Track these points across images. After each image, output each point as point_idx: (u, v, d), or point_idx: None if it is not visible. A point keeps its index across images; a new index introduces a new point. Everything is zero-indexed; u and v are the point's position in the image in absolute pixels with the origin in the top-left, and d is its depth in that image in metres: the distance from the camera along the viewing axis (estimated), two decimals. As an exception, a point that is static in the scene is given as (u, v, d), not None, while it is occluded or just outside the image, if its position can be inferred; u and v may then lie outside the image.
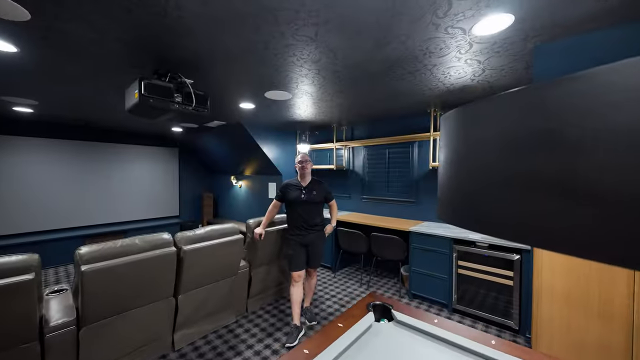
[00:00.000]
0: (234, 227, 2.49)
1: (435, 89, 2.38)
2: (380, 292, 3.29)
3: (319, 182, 2.63)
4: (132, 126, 4.39)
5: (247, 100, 2.78)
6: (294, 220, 2.54)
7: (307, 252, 2.57)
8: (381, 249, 3.27)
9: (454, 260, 2.75)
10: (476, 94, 2.53)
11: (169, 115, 2.04)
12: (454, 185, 0.70)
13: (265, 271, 2.88)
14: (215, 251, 2.28)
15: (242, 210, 5.58)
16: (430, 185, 3.50)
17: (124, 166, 5.00)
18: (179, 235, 2.14)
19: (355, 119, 3.77)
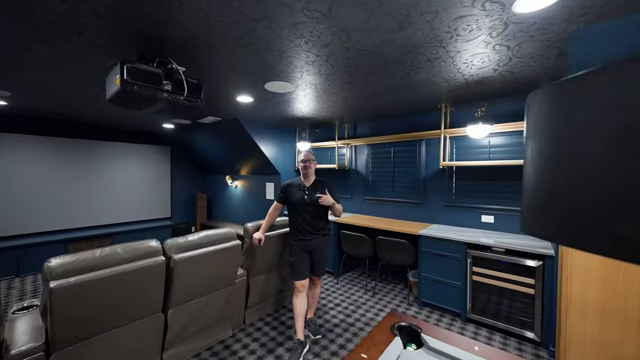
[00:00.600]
0: (230, 232, 2.25)
1: (451, 81, 2.18)
2: (387, 299, 3.09)
3: (324, 182, 2.41)
4: (120, 122, 4.10)
5: (245, 93, 2.54)
6: (297, 223, 2.32)
7: (311, 258, 2.35)
8: (388, 253, 3.07)
9: (469, 266, 2.57)
10: (493, 88, 2.35)
11: (157, 107, 1.79)
12: (550, 189, 0.50)
13: (265, 279, 2.64)
14: (210, 260, 2.04)
15: (237, 212, 5.32)
16: (438, 185, 3.32)
17: (112, 165, 4.70)
18: (168, 242, 1.90)
19: (358, 116, 3.57)
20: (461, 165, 3.03)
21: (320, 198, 2.18)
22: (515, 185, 2.82)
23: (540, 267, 2.22)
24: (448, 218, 3.25)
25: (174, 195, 5.61)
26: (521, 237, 2.66)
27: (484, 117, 2.45)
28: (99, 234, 4.39)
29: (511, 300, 2.36)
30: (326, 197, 2.19)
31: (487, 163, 2.76)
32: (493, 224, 2.95)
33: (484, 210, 3.01)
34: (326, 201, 2.18)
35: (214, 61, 1.84)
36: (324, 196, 2.19)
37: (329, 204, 2.20)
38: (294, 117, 3.62)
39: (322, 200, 2.18)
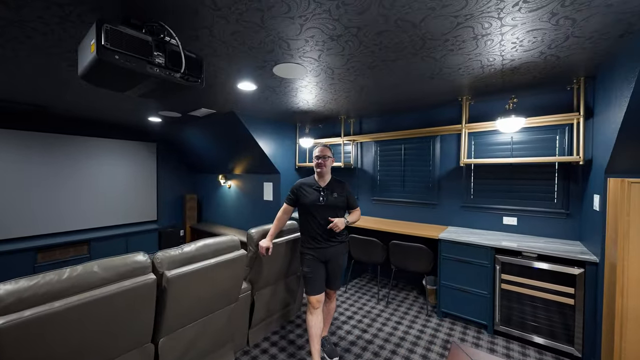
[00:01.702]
0: (233, 240, 1.91)
1: (487, 67, 1.93)
2: (402, 309, 2.82)
3: (340, 182, 2.11)
4: (99, 115, 3.63)
5: (248, 78, 2.20)
6: (310, 229, 2.01)
7: (327, 269, 2.05)
8: (403, 259, 2.81)
9: (497, 273, 2.34)
10: (526, 78, 2.12)
11: (144, 88, 1.43)
12: None
13: (271, 292, 2.31)
14: (210, 274, 1.69)
15: (231, 214, 4.93)
16: (455, 185, 3.09)
17: (89, 163, 4.20)
18: (159, 255, 1.54)
19: (367, 110, 3.29)
20: (481, 163, 2.81)
21: (333, 224, 1.92)
22: (540, 185, 2.62)
23: (581, 275, 2.01)
24: (465, 220, 3.03)
25: (160, 197, 5.15)
26: (551, 240, 2.46)
27: (515, 110, 2.23)
28: (74, 240, 3.90)
29: (547, 312, 2.15)
30: (338, 223, 1.92)
31: (512, 160, 2.54)
32: (516, 227, 2.74)
33: (505, 212, 2.80)
34: (337, 227, 1.92)
35: (216, 33, 1.50)
36: (336, 221, 1.92)
37: (340, 229, 1.95)
38: (297, 111, 3.30)
39: (334, 226, 1.91)
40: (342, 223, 1.96)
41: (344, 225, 1.98)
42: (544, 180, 2.60)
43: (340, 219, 1.95)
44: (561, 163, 2.50)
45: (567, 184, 2.49)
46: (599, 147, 2.03)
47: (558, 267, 2.09)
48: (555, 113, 2.38)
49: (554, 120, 2.35)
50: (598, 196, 1.96)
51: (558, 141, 2.51)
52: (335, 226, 1.91)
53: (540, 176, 2.62)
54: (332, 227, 1.91)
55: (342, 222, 1.96)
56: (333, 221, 1.92)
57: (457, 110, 3.06)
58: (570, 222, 2.48)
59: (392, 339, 2.30)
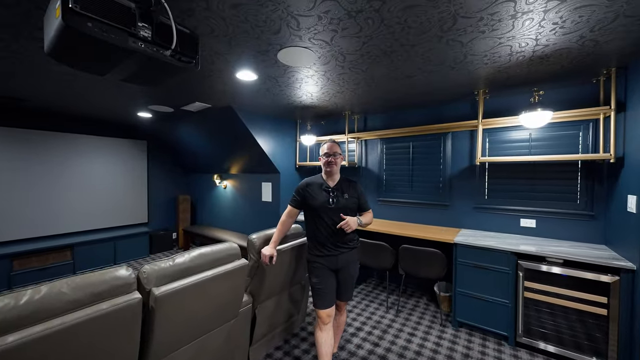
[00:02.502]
0: (232, 248, 1.68)
1: (516, 54, 1.75)
2: (414, 319, 2.63)
3: (351, 182, 1.90)
4: (82, 109, 3.35)
5: (248, 66, 1.97)
6: (319, 234, 1.80)
7: (337, 279, 1.83)
8: (416, 265, 2.61)
9: (520, 280, 2.16)
10: (552, 68, 1.95)
11: (126, 70, 1.20)
12: None
13: (274, 304, 2.09)
14: (207, 289, 1.46)
15: (227, 216, 4.68)
16: (468, 184, 2.91)
17: (74, 162, 3.90)
18: (147, 269, 1.30)
19: (372, 105, 3.08)
20: (498, 162, 2.63)
21: (344, 222, 1.70)
22: (560, 185, 2.46)
23: (616, 284, 1.84)
24: (479, 222, 2.85)
25: (151, 198, 4.86)
26: (576, 244, 2.30)
27: (542, 103, 2.05)
28: (55, 245, 3.59)
29: (576, 322, 1.97)
30: (350, 222, 1.71)
31: (531, 158, 2.37)
32: (534, 229, 2.58)
33: (523, 213, 2.63)
34: (349, 227, 1.70)
35: (214, 7, 1.28)
36: (348, 219, 1.71)
37: (352, 229, 1.73)
38: (299, 105, 3.08)
39: (346, 225, 1.69)
40: (355, 222, 1.74)
41: (357, 225, 1.76)
42: (565, 180, 2.44)
43: (352, 218, 1.73)
44: (585, 161, 2.33)
45: (590, 184, 2.33)
46: (632, 143, 1.86)
47: (588, 274, 1.92)
48: (578, 108, 2.22)
49: (578, 115, 2.19)
50: (634, 197, 1.80)
51: (581, 138, 2.35)
52: (346, 225, 1.68)
53: (561, 175, 2.45)
54: (343, 225, 1.68)
55: (354, 221, 1.74)
56: (344, 219, 1.70)
57: (468, 105, 2.88)
58: (594, 225, 2.32)
59: (408, 354, 2.10)
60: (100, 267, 3.96)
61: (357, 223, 1.75)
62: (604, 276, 1.87)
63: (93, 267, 3.89)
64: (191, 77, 2.18)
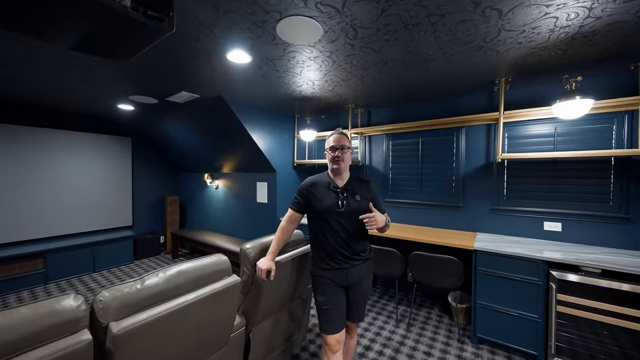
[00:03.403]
0: (221, 262, 1.37)
1: (558, 30, 1.48)
2: (428, 334, 2.35)
3: (363, 181, 1.62)
4: (57, 100, 2.98)
5: (241, 44, 1.66)
6: (326, 244, 1.50)
7: (348, 297, 1.54)
8: (430, 273, 2.34)
9: (552, 293, 1.90)
10: (593, 50, 1.69)
11: (76, 29, 0.89)
12: None
13: (271, 325, 1.78)
14: (189, 317, 1.15)
15: (219, 219, 4.34)
16: (483, 184, 2.65)
17: (48, 160, 3.52)
18: (105, 297, 0.98)
19: (378, 98, 2.80)
20: (521, 159, 2.38)
21: (371, 215, 1.37)
22: (590, 184, 2.22)
23: (670, 298, 1.59)
24: (497, 225, 2.60)
25: (136, 199, 4.50)
26: (610, 251, 2.05)
27: (580, 90, 1.80)
28: (25, 253, 3.20)
29: (620, 342, 1.72)
30: (375, 217, 1.38)
31: (557, 155, 2.12)
32: (560, 233, 2.33)
33: (547, 216, 2.38)
34: (375, 222, 1.37)
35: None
36: (373, 214, 1.39)
37: (379, 225, 1.40)
38: (298, 97, 2.77)
39: (369, 221, 1.37)
40: (382, 219, 1.44)
41: (384, 222, 1.47)
42: (595, 179, 2.20)
43: (379, 214, 1.42)
44: (619, 158, 2.09)
45: (625, 183, 2.09)
46: (685, 137, 1.62)
47: (635, 287, 1.67)
48: (611, 98, 1.97)
49: (615, 106, 1.95)
50: (691, 198, 1.55)
51: (615, 131, 2.11)
52: (373, 220, 1.36)
53: (591, 174, 2.21)
54: (368, 220, 1.36)
55: (382, 216, 1.44)
56: (372, 210, 1.39)
57: (484, 97, 2.62)
58: (630, 229, 2.08)
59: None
60: (77, 276, 3.59)
61: (384, 221, 1.46)
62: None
63: (68, 276, 3.52)
64: (173, 57, 1.86)
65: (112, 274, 3.73)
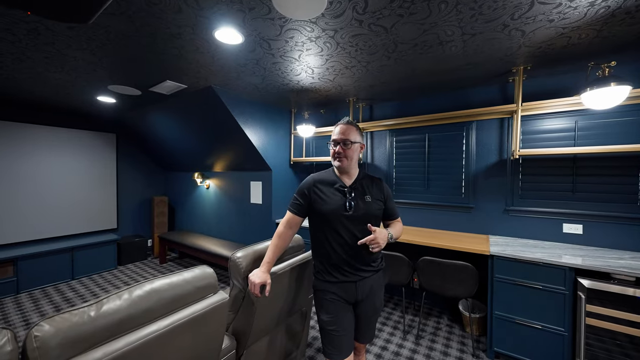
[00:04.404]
0: (205, 277, 1.13)
1: (597, 5, 1.28)
2: (439, 347, 2.15)
3: (374, 179, 1.41)
4: (32, 90, 2.68)
5: (231, 19, 1.42)
6: (331, 253, 1.28)
7: (356, 314, 1.32)
8: (441, 281, 2.13)
9: (581, 303, 1.70)
10: (632, 29, 1.51)
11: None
12: None
13: (267, 344, 1.55)
14: (164, 348, 0.91)
15: (210, 221, 4.07)
16: (496, 183, 2.45)
17: (23, 157, 3.22)
18: (44, 330, 0.73)
19: (382, 89, 2.58)
20: (539, 155, 2.19)
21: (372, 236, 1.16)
22: (614, 182, 2.04)
23: None
24: (510, 228, 2.40)
25: (121, 199, 4.20)
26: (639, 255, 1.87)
27: (615, 77, 1.61)
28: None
29: (659, 359, 1.54)
30: (379, 236, 1.17)
31: (581, 150, 1.94)
32: (581, 236, 2.14)
33: (566, 217, 2.19)
34: (378, 245, 1.16)
35: None
36: (377, 231, 1.18)
37: (382, 246, 1.18)
38: (295, 88, 2.54)
39: (373, 242, 1.16)
40: (385, 237, 1.21)
41: (387, 241, 1.24)
42: (620, 177, 2.02)
43: (382, 230, 1.22)
44: (647, 154, 1.92)
45: (654, 181, 1.92)
46: None
47: (677, 298, 1.49)
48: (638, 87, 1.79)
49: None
50: None
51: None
52: (374, 241, 1.15)
53: (616, 171, 2.03)
54: (370, 242, 1.15)
55: (385, 236, 1.21)
56: (373, 231, 1.18)
57: (496, 89, 2.44)
58: (660, 231, 1.91)
59: (442, 403, 1.61)
60: (53, 284, 3.28)
61: (387, 238, 1.23)
62: (701, 301, 1.44)
63: (43, 285, 3.21)
64: (152, 34, 1.60)
65: (92, 281, 3.44)
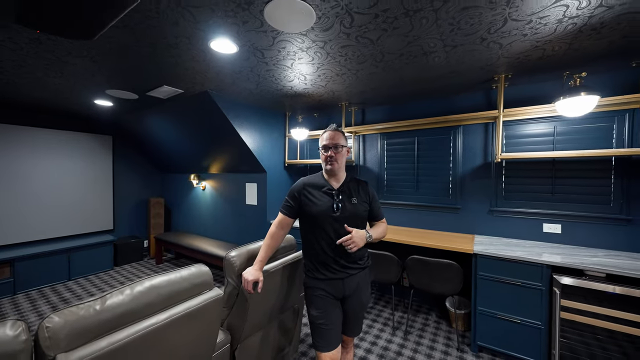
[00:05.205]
0: (201, 274, 1.21)
1: (566, 22, 1.39)
2: (426, 342, 2.24)
3: (360, 182, 1.50)
4: (30, 94, 2.73)
5: (225, 31, 1.51)
6: (319, 252, 1.37)
7: (344, 309, 1.41)
8: (428, 279, 2.23)
9: (556, 298, 1.82)
10: (599, 44, 1.62)
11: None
12: None
13: (260, 339, 1.63)
14: (162, 341, 0.99)
15: (206, 222, 4.14)
16: (481, 185, 2.57)
17: (22, 160, 3.26)
18: (54, 322, 0.80)
19: (372, 94, 2.68)
20: (521, 159, 2.30)
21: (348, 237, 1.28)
22: (589, 184, 2.16)
23: (679, 304, 1.53)
24: (495, 228, 2.52)
25: (118, 201, 4.25)
26: (612, 253, 1.99)
27: (585, 87, 1.73)
28: (-9, 261, 2.94)
29: (626, 349, 1.65)
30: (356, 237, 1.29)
31: (557, 154, 2.05)
32: (560, 235, 2.26)
33: (546, 217, 2.31)
34: (355, 244, 1.27)
35: None
36: (354, 232, 1.30)
37: (359, 246, 1.29)
38: (289, 93, 2.63)
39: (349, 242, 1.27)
40: (363, 238, 1.31)
41: (365, 241, 1.34)
42: (595, 179, 2.14)
43: (359, 231, 1.32)
44: (619, 158, 2.04)
45: (626, 183, 2.04)
46: (692, 136, 1.56)
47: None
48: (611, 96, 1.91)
49: (616, 104, 1.89)
50: (700, 199, 1.49)
51: (616, 130, 2.05)
52: (350, 242, 1.26)
53: (591, 174, 2.15)
54: (347, 243, 1.26)
55: (362, 236, 1.31)
56: (350, 231, 1.29)
57: (481, 95, 2.55)
58: (632, 231, 2.03)
59: (426, 394, 1.71)
60: (50, 285, 3.32)
61: (365, 238, 1.33)
62: (663, 295, 1.56)
63: (40, 285, 3.25)
64: (150, 44, 1.68)
65: (89, 281, 3.48)
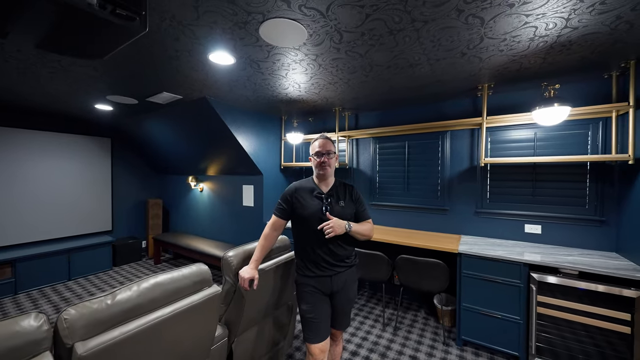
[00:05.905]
0: (201, 273, 1.32)
1: (538, 39, 1.52)
2: (414, 337, 2.36)
3: (347, 186, 1.61)
4: (33, 99, 2.81)
5: (223, 45, 1.61)
6: (309, 251, 1.48)
7: (333, 304, 1.52)
8: (417, 277, 2.35)
9: (533, 295, 1.94)
10: (571, 58, 1.75)
11: (38, 25, 0.82)
12: None
13: (255, 334, 1.73)
14: (166, 332, 1.09)
15: (204, 223, 4.23)
16: (468, 188, 2.69)
17: (22, 162, 3.32)
18: (71, 314, 0.91)
19: (365, 100, 2.80)
20: (502, 163, 2.43)
21: (327, 223, 1.38)
22: (567, 188, 2.29)
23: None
24: (480, 228, 2.65)
25: (116, 202, 4.32)
26: (586, 252, 2.12)
27: (559, 98, 1.85)
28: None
29: (595, 340, 1.78)
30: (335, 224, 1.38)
31: (536, 159, 2.18)
32: (540, 236, 2.40)
33: (527, 219, 2.44)
34: (333, 230, 1.37)
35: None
36: (333, 221, 1.39)
37: (337, 232, 1.38)
38: (284, 99, 2.74)
39: (328, 227, 1.37)
40: (342, 226, 1.40)
41: (344, 229, 1.42)
42: (572, 183, 2.28)
43: (339, 220, 1.41)
44: (594, 163, 2.18)
45: (600, 187, 2.18)
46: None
47: (614, 289, 1.73)
48: (586, 105, 2.04)
49: (591, 113, 2.02)
50: (660, 202, 1.62)
51: (591, 137, 2.19)
52: (329, 227, 1.36)
53: (568, 177, 2.29)
54: (326, 228, 1.35)
55: (341, 224, 1.40)
56: (330, 218, 1.40)
57: (468, 102, 2.68)
58: (605, 231, 2.17)
59: (412, 384, 1.82)
60: (51, 285, 3.39)
61: (344, 227, 1.43)
62: (628, 290, 1.69)
63: (41, 285, 3.32)
64: (152, 56, 1.78)
65: (88, 281, 3.55)
